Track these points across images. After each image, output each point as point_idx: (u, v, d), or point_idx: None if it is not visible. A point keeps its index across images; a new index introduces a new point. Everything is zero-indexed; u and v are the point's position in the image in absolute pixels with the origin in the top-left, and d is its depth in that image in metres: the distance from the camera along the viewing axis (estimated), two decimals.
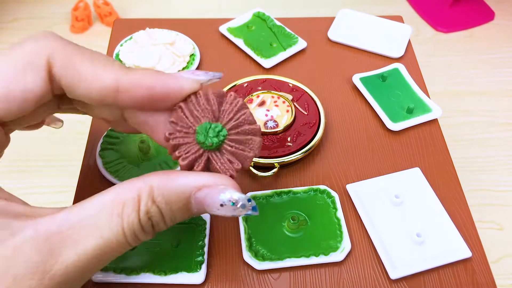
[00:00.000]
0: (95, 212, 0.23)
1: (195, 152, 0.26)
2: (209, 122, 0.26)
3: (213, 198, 0.24)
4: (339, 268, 0.33)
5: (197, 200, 0.24)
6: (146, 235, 0.24)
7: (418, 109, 0.43)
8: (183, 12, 1.22)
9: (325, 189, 0.36)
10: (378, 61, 0.49)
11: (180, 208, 0.24)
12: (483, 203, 0.85)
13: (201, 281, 0.31)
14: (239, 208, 0.24)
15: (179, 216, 0.25)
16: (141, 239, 0.24)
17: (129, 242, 0.24)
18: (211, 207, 0.24)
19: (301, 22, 0.52)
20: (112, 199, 0.23)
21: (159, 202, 0.23)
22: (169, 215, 0.24)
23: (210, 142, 0.25)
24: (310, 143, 0.39)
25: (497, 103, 1.03)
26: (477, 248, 0.34)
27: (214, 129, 0.25)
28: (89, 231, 0.22)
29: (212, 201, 0.24)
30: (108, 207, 0.23)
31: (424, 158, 0.40)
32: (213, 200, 0.24)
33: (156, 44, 0.47)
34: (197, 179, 0.24)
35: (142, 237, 0.24)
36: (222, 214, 0.24)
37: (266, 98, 0.42)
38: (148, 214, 0.23)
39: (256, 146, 0.26)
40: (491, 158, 0.92)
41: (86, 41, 1.14)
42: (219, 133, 0.25)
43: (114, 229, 0.23)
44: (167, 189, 0.24)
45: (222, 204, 0.24)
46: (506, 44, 1.17)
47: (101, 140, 0.39)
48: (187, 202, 0.24)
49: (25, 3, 1.24)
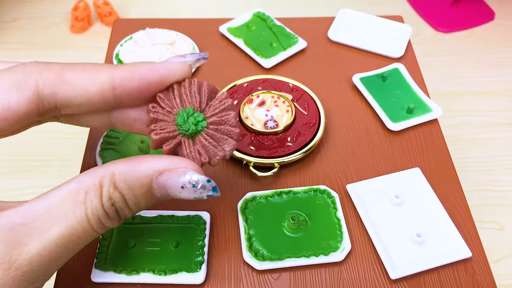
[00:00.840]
0: (59, 201, 0.23)
1: (170, 132, 0.26)
2: (193, 109, 0.26)
3: (174, 181, 0.24)
4: (339, 268, 0.33)
5: (159, 184, 0.25)
6: (112, 221, 0.25)
7: (418, 109, 0.43)
8: (183, 12, 1.22)
9: (325, 189, 0.36)
10: (378, 61, 0.48)
11: (144, 193, 0.25)
12: (483, 203, 0.85)
13: (201, 281, 0.31)
14: (199, 189, 0.24)
15: (143, 201, 0.25)
16: (107, 226, 0.25)
17: (94, 229, 0.24)
18: (172, 190, 0.25)
19: (301, 22, 0.52)
20: (75, 187, 0.23)
21: (121, 188, 0.24)
22: (132, 200, 0.25)
23: (187, 127, 0.26)
24: (310, 143, 0.39)
25: (497, 103, 1.03)
26: (477, 248, 0.34)
27: (196, 117, 0.26)
28: (54, 220, 0.23)
29: (173, 184, 0.24)
30: (71, 195, 0.23)
31: (424, 158, 0.40)
32: (174, 183, 0.24)
33: (156, 44, 0.47)
34: (158, 163, 0.25)
35: (107, 224, 0.24)
36: (184, 196, 0.25)
37: (266, 98, 0.42)
38: (111, 200, 0.24)
39: (228, 148, 0.27)
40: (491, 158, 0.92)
41: (86, 41, 1.14)
42: (198, 122, 0.26)
43: (78, 216, 0.23)
44: (129, 174, 0.24)
45: (183, 187, 0.24)
46: (506, 44, 1.17)
47: (101, 140, 0.39)
48: (150, 187, 0.25)
49: (25, 3, 1.24)
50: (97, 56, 1.09)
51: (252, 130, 0.39)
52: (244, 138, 0.39)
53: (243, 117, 0.40)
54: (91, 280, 0.31)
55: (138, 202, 0.25)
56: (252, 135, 0.39)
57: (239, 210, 0.35)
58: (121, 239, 0.33)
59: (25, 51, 1.10)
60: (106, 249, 0.33)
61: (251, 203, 0.36)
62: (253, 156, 0.38)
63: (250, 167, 0.37)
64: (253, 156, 0.38)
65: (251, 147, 0.38)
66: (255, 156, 0.38)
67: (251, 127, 0.39)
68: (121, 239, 0.33)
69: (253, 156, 0.38)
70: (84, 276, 0.32)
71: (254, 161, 0.38)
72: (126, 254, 0.33)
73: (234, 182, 0.38)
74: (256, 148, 0.38)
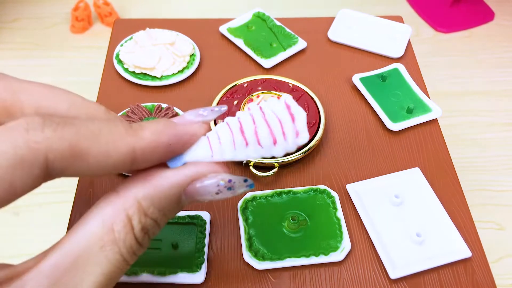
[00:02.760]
0: (85, 249, 0.20)
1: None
2: None
3: (207, 189, 0.23)
4: (339, 268, 0.33)
5: (189, 194, 0.23)
6: (144, 248, 0.23)
7: (418, 109, 0.43)
8: (183, 12, 1.22)
9: (325, 189, 0.36)
10: (378, 61, 0.49)
11: (173, 208, 0.23)
12: (483, 203, 0.85)
13: (201, 281, 0.31)
14: (236, 190, 0.23)
15: (172, 215, 0.24)
16: (138, 255, 0.23)
17: (129, 264, 0.22)
18: (205, 196, 0.23)
19: (301, 22, 0.52)
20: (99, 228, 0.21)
21: (151, 213, 0.22)
22: (163, 220, 0.23)
23: None
24: (310, 143, 0.39)
25: (497, 103, 1.03)
26: (477, 248, 0.34)
27: None
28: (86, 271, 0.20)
29: (206, 191, 0.23)
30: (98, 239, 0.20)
31: (424, 158, 0.40)
32: (208, 190, 0.23)
33: (156, 44, 0.47)
34: (183, 175, 0.23)
35: (139, 253, 0.23)
36: (218, 199, 0.24)
37: (266, 98, 0.42)
38: (144, 229, 0.22)
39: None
40: (491, 158, 0.92)
41: (86, 41, 1.14)
42: None
43: (112, 259, 0.21)
44: (156, 196, 0.22)
45: (217, 193, 0.23)
46: (506, 44, 1.17)
47: None
48: (179, 200, 0.23)
49: (25, 3, 1.24)
50: (97, 56, 1.09)
51: None
52: None
53: None
54: None
55: (168, 218, 0.23)
56: None
57: (239, 210, 0.35)
58: None
59: (25, 51, 1.11)
60: None
61: (251, 203, 0.36)
62: None
63: (250, 167, 0.37)
64: None
65: None
66: None
67: None
68: None
69: None
70: None
71: (254, 161, 0.38)
72: None
73: None
74: None
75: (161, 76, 0.45)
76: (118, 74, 0.46)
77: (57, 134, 0.20)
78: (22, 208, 0.82)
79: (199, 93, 0.45)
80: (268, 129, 0.23)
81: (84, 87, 1.02)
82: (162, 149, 0.23)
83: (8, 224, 0.81)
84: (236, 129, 0.23)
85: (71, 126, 0.20)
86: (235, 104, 0.41)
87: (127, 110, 0.41)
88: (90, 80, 1.04)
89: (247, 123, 0.23)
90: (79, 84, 1.03)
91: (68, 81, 1.04)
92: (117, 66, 0.46)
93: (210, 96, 0.44)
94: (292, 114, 0.23)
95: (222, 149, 0.23)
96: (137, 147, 0.22)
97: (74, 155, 0.20)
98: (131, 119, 0.39)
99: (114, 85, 0.45)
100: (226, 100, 0.42)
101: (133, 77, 0.45)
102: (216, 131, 0.23)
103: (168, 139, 0.23)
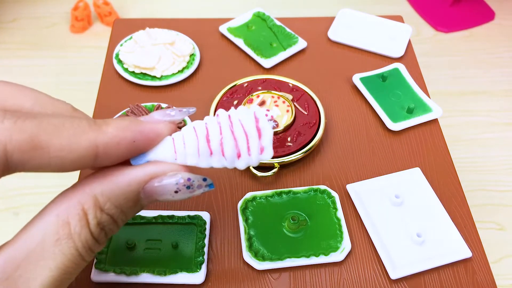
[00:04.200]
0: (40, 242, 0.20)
1: None
2: None
3: (165, 187, 0.23)
4: (339, 268, 0.33)
5: (147, 193, 0.23)
6: (101, 245, 0.23)
7: (418, 109, 0.43)
8: (183, 12, 1.22)
9: (325, 189, 0.36)
10: (378, 61, 0.48)
11: (131, 206, 0.23)
12: (483, 203, 0.85)
13: (201, 281, 0.31)
14: (195, 189, 0.23)
15: (131, 214, 0.24)
16: (95, 252, 0.22)
17: (85, 259, 0.22)
18: (164, 196, 0.23)
19: (301, 22, 0.52)
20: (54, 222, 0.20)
21: (108, 209, 0.22)
22: (121, 217, 0.23)
23: None
24: (310, 143, 0.39)
25: (497, 103, 1.03)
26: (477, 248, 0.34)
27: None
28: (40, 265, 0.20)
29: (164, 190, 0.23)
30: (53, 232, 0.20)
31: (424, 158, 0.40)
32: (166, 189, 0.23)
33: (156, 44, 0.47)
34: (142, 172, 0.23)
35: (97, 249, 0.22)
36: (178, 199, 0.23)
37: (266, 98, 0.42)
38: (100, 225, 0.22)
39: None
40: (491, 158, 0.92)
41: (86, 41, 1.14)
42: None
43: (68, 253, 0.20)
44: (113, 192, 0.22)
45: (176, 191, 0.23)
46: (506, 44, 1.17)
47: None
48: (137, 198, 0.23)
49: (25, 3, 1.24)
50: (97, 56, 1.09)
51: None
52: None
53: None
54: (91, 280, 0.31)
55: (126, 216, 0.23)
56: None
57: (239, 210, 0.35)
58: (121, 239, 0.33)
59: (25, 51, 1.10)
60: (106, 249, 0.33)
61: (251, 203, 0.36)
62: None
63: (250, 167, 0.37)
64: None
65: None
66: None
67: None
68: (121, 239, 0.33)
69: None
70: (84, 276, 0.32)
71: None
72: (126, 254, 0.33)
73: (234, 182, 0.38)
74: None
75: (161, 76, 0.45)
76: (118, 74, 0.46)
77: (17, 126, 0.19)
78: (22, 208, 0.82)
79: (199, 93, 0.45)
80: (233, 142, 0.23)
81: (84, 87, 1.02)
82: (126, 145, 0.22)
83: (8, 224, 0.81)
84: (202, 136, 0.23)
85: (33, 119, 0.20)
86: (235, 104, 0.41)
87: (127, 110, 0.41)
88: (90, 80, 1.03)
89: (214, 132, 0.23)
90: (79, 84, 1.03)
91: (67, 81, 1.04)
92: (117, 66, 0.46)
93: (210, 96, 0.44)
94: (259, 129, 0.23)
95: (186, 153, 0.23)
96: (100, 141, 0.21)
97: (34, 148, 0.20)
98: None
99: (114, 85, 0.45)
100: (226, 100, 0.42)
101: (132, 77, 0.45)
102: (182, 134, 0.23)
103: (133, 135, 0.23)
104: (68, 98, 0.26)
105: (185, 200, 0.36)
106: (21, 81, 0.64)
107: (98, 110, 0.43)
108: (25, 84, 0.24)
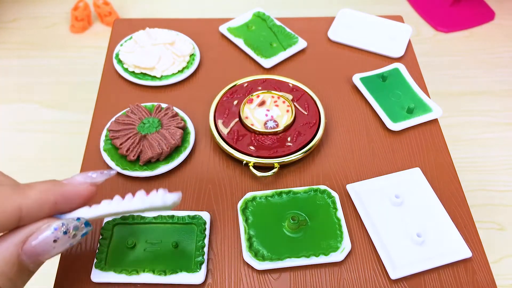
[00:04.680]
0: None
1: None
2: None
3: (43, 241, 0.23)
4: (339, 268, 0.33)
5: (28, 254, 0.23)
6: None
7: (418, 109, 0.43)
8: (183, 12, 1.22)
9: (325, 189, 0.36)
10: (378, 61, 0.48)
11: (16, 272, 0.23)
12: (483, 203, 0.85)
13: (201, 281, 0.31)
14: (73, 231, 0.24)
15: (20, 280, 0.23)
16: None
17: None
18: (46, 251, 0.23)
19: (301, 22, 0.52)
20: None
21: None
22: (8, 285, 0.23)
23: None
24: (310, 143, 0.39)
25: (497, 103, 1.03)
26: (477, 248, 0.34)
27: None
28: None
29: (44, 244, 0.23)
30: None
31: (424, 158, 0.40)
32: (45, 242, 0.23)
33: (156, 44, 0.47)
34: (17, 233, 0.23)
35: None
36: (61, 250, 0.24)
37: (266, 98, 0.42)
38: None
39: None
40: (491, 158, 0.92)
41: (86, 41, 1.14)
42: None
43: None
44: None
45: (55, 240, 0.23)
46: (506, 44, 1.17)
47: (103, 136, 0.39)
48: (19, 262, 0.23)
49: (25, 3, 1.24)
50: (97, 56, 1.09)
51: (252, 130, 0.39)
52: (244, 138, 0.39)
53: (243, 117, 0.40)
54: (91, 280, 0.31)
55: (15, 284, 0.23)
56: (252, 135, 0.39)
57: (239, 210, 0.35)
58: (121, 239, 0.33)
59: (25, 51, 1.10)
60: (106, 249, 0.33)
61: (251, 203, 0.36)
62: (253, 156, 0.38)
63: (250, 167, 0.37)
64: (253, 156, 0.38)
65: (251, 147, 0.38)
66: (255, 156, 0.38)
67: (251, 127, 0.39)
68: (121, 239, 0.33)
69: (253, 156, 0.38)
70: (84, 276, 0.32)
71: (254, 161, 0.37)
72: (126, 254, 0.33)
73: (234, 182, 0.38)
74: (256, 148, 0.38)
75: (161, 76, 0.45)
76: (118, 74, 0.46)
77: None
78: None
79: (199, 93, 0.45)
80: None
81: (84, 87, 1.02)
82: (48, 207, 0.24)
83: None
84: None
85: None
86: (235, 104, 0.41)
87: (126, 110, 0.41)
88: (90, 80, 1.03)
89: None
90: (78, 84, 1.03)
91: (67, 81, 1.04)
92: (117, 66, 0.46)
93: (210, 96, 0.44)
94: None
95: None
96: (23, 205, 0.23)
97: None
98: (131, 119, 0.39)
99: (114, 85, 0.45)
100: (226, 100, 0.42)
101: (132, 77, 0.45)
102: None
103: (55, 198, 0.24)
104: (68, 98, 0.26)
105: (185, 200, 0.36)
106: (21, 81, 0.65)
107: (98, 110, 0.43)
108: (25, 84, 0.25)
